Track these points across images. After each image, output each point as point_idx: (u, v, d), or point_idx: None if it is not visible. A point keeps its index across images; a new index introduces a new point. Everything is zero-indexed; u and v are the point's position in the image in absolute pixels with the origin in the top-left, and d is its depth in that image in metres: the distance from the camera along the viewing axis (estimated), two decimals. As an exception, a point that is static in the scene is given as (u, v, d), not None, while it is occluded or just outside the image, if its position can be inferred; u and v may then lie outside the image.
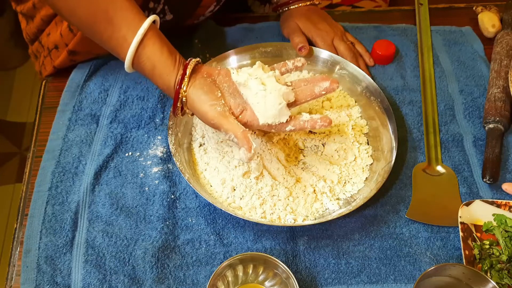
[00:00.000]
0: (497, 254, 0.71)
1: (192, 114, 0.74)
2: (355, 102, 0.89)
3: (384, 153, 0.81)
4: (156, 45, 0.70)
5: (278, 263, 0.66)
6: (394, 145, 0.79)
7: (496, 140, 0.83)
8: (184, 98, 0.70)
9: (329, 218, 0.73)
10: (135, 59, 0.70)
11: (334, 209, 0.76)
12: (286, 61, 0.76)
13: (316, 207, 0.76)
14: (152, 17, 0.70)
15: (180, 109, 0.72)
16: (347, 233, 0.75)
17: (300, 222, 0.74)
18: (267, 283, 0.69)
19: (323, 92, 0.73)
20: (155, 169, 0.80)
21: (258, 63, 0.73)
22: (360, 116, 0.87)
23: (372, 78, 0.90)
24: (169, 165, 0.81)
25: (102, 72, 0.93)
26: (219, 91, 0.71)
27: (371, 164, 0.82)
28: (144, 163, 0.81)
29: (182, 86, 0.70)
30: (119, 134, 0.84)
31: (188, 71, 0.70)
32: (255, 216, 0.75)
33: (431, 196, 0.79)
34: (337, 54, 0.93)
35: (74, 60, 0.91)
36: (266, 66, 0.75)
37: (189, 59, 0.72)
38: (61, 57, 0.88)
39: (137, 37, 0.68)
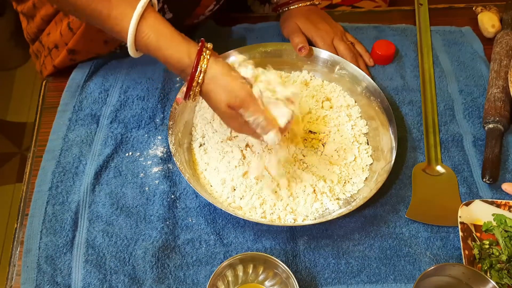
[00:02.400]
0: (497, 254, 0.71)
1: (194, 98, 0.69)
2: (355, 102, 0.89)
3: (384, 153, 0.81)
4: (158, 18, 0.67)
5: (278, 263, 0.66)
6: (394, 145, 0.79)
7: (495, 140, 0.83)
8: (204, 67, 0.66)
9: (329, 218, 0.73)
10: (137, 34, 0.67)
11: (334, 209, 0.76)
12: None
13: (316, 207, 0.76)
14: None
15: (196, 86, 0.67)
16: (347, 233, 0.75)
17: (300, 222, 0.74)
18: (267, 283, 0.69)
19: None
20: (155, 169, 0.81)
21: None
22: (360, 116, 0.88)
23: (372, 78, 0.90)
24: (169, 165, 0.81)
25: (102, 72, 0.93)
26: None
27: (371, 164, 0.82)
28: (144, 163, 0.81)
29: (203, 56, 0.66)
30: (119, 134, 0.84)
31: (209, 45, 0.67)
32: (255, 216, 0.75)
33: (431, 196, 0.79)
34: (337, 54, 0.93)
35: (73, 60, 0.91)
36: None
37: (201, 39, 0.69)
38: (60, 56, 0.88)
39: (137, 10, 0.65)
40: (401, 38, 1.01)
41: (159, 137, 0.84)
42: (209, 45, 0.68)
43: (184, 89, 0.70)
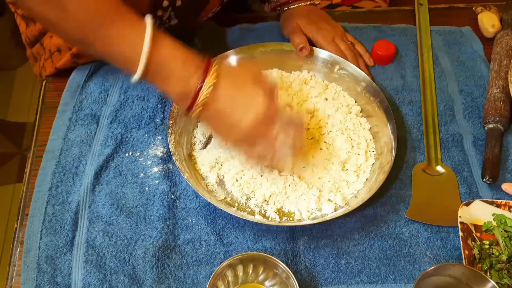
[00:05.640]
0: (497, 254, 0.71)
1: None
2: (355, 102, 0.89)
3: (383, 153, 0.81)
4: (166, 35, 0.65)
5: (278, 263, 0.66)
6: (394, 145, 0.79)
7: (495, 140, 0.83)
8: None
9: (329, 218, 0.73)
10: (152, 49, 0.63)
11: (333, 209, 0.76)
12: None
13: (316, 207, 0.76)
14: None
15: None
16: (347, 233, 0.75)
17: (300, 222, 0.74)
18: (267, 283, 0.69)
19: None
20: (155, 169, 0.81)
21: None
22: (360, 116, 0.87)
23: (372, 78, 0.90)
24: (169, 165, 0.81)
25: (102, 72, 0.93)
26: None
27: (371, 164, 0.82)
28: (144, 163, 0.81)
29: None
30: (119, 134, 0.84)
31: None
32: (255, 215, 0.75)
33: (431, 196, 0.79)
34: (338, 54, 0.93)
35: (76, 62, 0.91)
36: None
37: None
38: (63, 59, 0.88)
39: (148, 28, 0.62)
40: (401, 38, 1.01)
41: (159, 137, 0.84)
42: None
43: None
